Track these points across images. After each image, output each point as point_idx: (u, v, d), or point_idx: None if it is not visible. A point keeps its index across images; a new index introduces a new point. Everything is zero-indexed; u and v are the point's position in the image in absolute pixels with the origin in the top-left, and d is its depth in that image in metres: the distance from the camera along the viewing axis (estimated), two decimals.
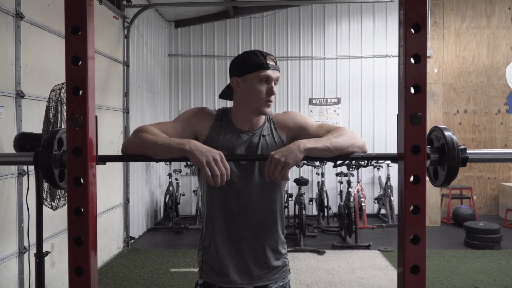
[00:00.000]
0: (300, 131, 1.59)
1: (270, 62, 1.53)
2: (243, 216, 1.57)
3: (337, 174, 7.00)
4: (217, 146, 1.47)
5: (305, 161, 6.69)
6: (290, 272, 1.71)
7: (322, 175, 7.20)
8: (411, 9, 0.94)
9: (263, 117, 1.63)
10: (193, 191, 7.60)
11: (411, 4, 0.94)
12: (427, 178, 1.01)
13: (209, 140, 1.55)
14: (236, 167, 1.56)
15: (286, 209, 7.00)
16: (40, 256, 2.68)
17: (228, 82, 1.63)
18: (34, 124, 3.46)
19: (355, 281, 4.42)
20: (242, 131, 1.59)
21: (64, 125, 2.51)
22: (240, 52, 1.73)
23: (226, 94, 1.65)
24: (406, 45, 0.95)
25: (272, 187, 1.59)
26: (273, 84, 1.54)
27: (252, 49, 7.54)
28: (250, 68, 1.52)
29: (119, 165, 5.62)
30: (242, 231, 1.58)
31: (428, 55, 7.66)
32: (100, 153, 1.13)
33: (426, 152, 0.98)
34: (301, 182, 5.97)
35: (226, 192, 1.56)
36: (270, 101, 1.55)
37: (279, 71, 1.57)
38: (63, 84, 2.56)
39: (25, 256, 3.36)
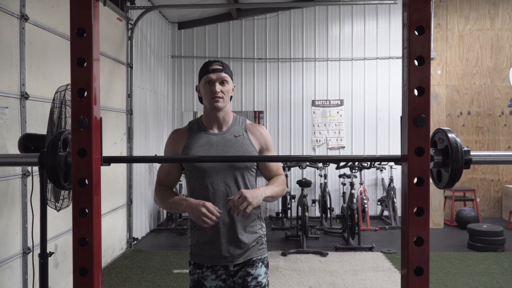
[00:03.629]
0: (264, 151, 1.94)
1: (213, 67, 1.85)
2: (217, 205, 1.81)
3: (340, 176, 6.99)
4: (195, 148, 1.84)
5: (308, 163, 6.69)
6: (266, 249, 1.97)
7: (325, 176, 7.20)
8: (415, 11, 0.95)
9: (229, 116, 1.92)
10: None
11: (415, 6, 0.95)
12: (430, 180, 1.01)
13: (186, 146, 1.88)
14: (210, 164, 1.84)
15: (289, 211, 7.01)
16: (44, 256, 2.69)
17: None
18: (38, 125, 3.47)
19: (358, 283, 4.41)
20: (213, 133, 1.90)
21: (68, 127, 2.53)
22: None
23: (201, 99, 1.96)
24: (410, 47, 0.95)
25: (238, 179, 1.86)
26: (217, 83, 1.83)
27: (257, 51, 7.52)
28: (200, 76, 1.89)
29: (123, 166, 5.63)
30: (220, 223, 1.85)
31: (431, 57, 7.64)
32: (103, 154, 1.13)
33: (429, 154, 0.98)
34: (304, 183, 5.97)
35: (204, 187, 1.85)
36: (215, 98, 1.83)
37: (223, 71, 1.85)
38: (67, 85, 2.57)
39: (29, 256, 3.37)
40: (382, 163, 6.86)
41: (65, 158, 1.14)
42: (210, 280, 1.88)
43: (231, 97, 1.93)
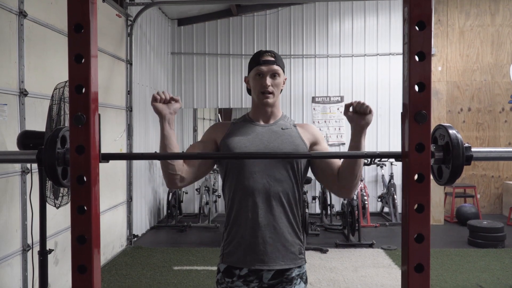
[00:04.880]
0: (315, 145, 1.76)
1: (265, 58, 1.71)
2: (260, 200, 1.66)
3: None
4: (237, 137, 1.70)
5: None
6: (305, 262, 1.78)
7: None
8: (416, 6, 0.94)
9: (277, 111, 1.79)
10: (196, 189, 7.61)
11: (415, 1, 0.94)
12: (431, 177, 1.01)
13: (227, 135, 1.73)
14: (256, 161, 1.68)
15: None
16: (44, 254, 2.69)
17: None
18: (37, 122, 3.46)
19: (358, 280, 4.42)
20: (259, 124, 1.77)
21: (67, 123, 2.52)
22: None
23: (249, 91, 1.85)
24: (410, 42, 0.94)
25: (283, 178, 1.68)
26: (267, 77, 1.70)
27: (257, 47, 7.54)
28: (250, 67, 1.76)
29: (122, 163, 5.63)
30: (260, 218, 1.66)
31: (432, 53, 7.62)
32: (103, 151, 1.13)
33: (430, 151, 0.97)
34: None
35: (241, 178, 1.67)
36: (265, 93, 1.71)
37: (275, 64, 1.71)
38: (66, 82, 2.56)
39: (29, 254, 3.37)
40: (383, 159, 6.85)
41: (63, 155, 1.13)
42: None
43: (281, 90, 1.80)
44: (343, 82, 7.75)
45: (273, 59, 1.71)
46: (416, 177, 0.97)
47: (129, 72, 5.74)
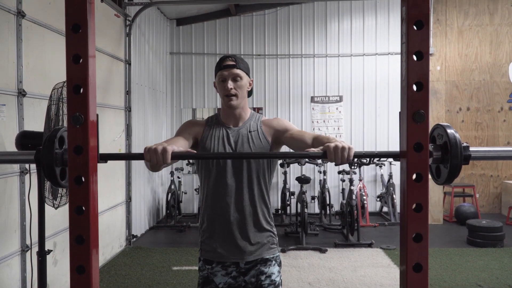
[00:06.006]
0: (284, 132, 1.86)
1: (226, 63, 1.84)
2: (230, 200, 1.82)
3: (339, 172, 6.99)
4: (212, 140, 1.85)
5: (307, 159, 6.69)
6: (279, 251, 1.95)
7: (324, 173, 7.20)
8: (414, 6, 0.94)
9: (245, 112, 1.91)
10: (195, 189, 7.61)
11: (413, 1, 0.94)
12: (429, 176, 1.01)
13: (204, 136, 1.88)
14: (226, 163, 1.83)
15: (288, 207, 7.00)
16: (42, 254, 2.69)
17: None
18: (36, 122, 3.46)
19: (357, 279, 4.42)
20: (230, 127, 1.90)
21: (65, 124, 2.51)
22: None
23: None
24: (408, 42, 0.94)
25: (250, 174, 1.84)
26: (229, 81, 1.82)
27: (256, 47, 7.50)
28: (215, 73, 1.89)
29: (121, 164, 5.62)
30: (231, 212, 1.83)
31: (430, 52, 7.63)
32: (102, 151, 1.13)
33: (428, 150, 0.97)
34: (303, 180, 5.97)
35: (216, 180, 1.83)
36: (228, 95, 1.83)
37: (235, 68, 1.83)
38: (64, 82, 2.56)
39: (28, 254, 3.36)
40: (382, 159, 6.86)
41: (61, 155, 1.13)
42: (220, 276, 1.86)
43: (250, 92, 1.91)
44: (342, 81, 7.75)
45: (233, 63, 1.84)
46: (414, 176, 0.97)
47: (127, 72, 5.73)
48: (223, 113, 1.92)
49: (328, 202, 6.92)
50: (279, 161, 6.79)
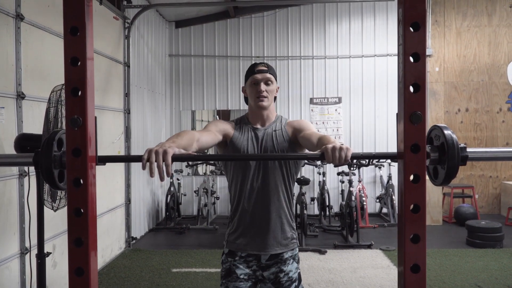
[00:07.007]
0: (300, 131, 1.95)
1: (259, 68, 1.98)
2: (259, 196, 1.94)
3: (338, 174, 7.00)
4: (242, 141, 1.97)
5: (306, 161, 6.69)
6: (298, 245, 2.07)
7: (324, 174, 7.20)
8: (410, 8, 0.94)
9: (272, 115, 2.04)
10: (195, 191, 7.60)
11: (410, 3, 0.94)
12: (427, 177, 1.01)
13: (235, 136, 1.99)
14: (255, 162, 1.95)
15: None
16: (41, 257, 2.68)
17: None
18: (35, 125, 3.46)
19: (357, 281, 4.42)
20: (257, 127, 2.03)
21: (64, 126, 2.52)
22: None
23: (246, 100, 2.12)
24: (405, 44, 0.95)
25: (276, 172, 1.94)
26: (262, 83, 1.96)
27: (255, 49, 7.51)
28: (246, 77, 2.03)
29: (121, 165, 5.62)
30: (258, 212, 1.95)
31: (429, 54, 7.65)
32: (101, 153, 1.13)
33: (425, 151, 0.98)
34: (302, 181, 5.97)
35: (242, 178, 1.95)
36: (260, 97, 1.96)
37: (268, 72, 1.97)
38: (63, 85, 2.56)
39: (27, 257, 3.36)
40: (381, 160, 6.86)
41: (59, 158, 1.13)
42: (241, 268, 1.96)
43: (275, 97, 2.05)
44: (341, 83, 7.76)
45: (266, 68, 1.98)
46: (411, 177, 0.97)
47: (126, 74, 5.74)
48: (251, 115, 2.05)
49: (327, 204, 6.92)
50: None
